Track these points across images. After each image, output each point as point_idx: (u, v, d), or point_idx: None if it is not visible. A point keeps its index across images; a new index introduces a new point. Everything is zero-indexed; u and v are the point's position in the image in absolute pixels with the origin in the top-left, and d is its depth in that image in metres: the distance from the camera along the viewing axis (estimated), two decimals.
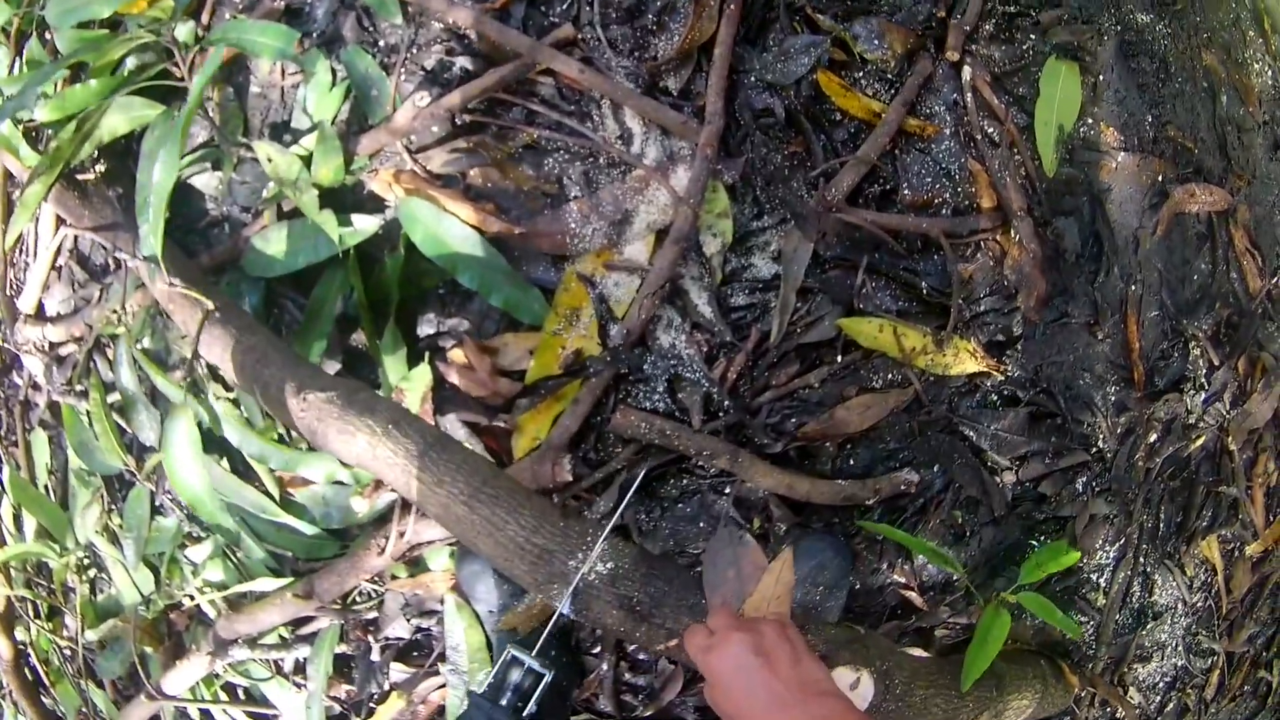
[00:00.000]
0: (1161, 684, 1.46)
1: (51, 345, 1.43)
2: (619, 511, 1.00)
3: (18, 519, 1.53)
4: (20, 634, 1.58)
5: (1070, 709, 1.37)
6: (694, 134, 1.18)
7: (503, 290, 1.21)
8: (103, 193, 1.32)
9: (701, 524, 1.27)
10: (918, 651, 1.27)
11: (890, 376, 1.27)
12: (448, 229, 1.22)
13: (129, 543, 1.44)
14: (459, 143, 1.24)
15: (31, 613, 1.56)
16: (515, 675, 0.88)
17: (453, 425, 1.27)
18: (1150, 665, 1.44)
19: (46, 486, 1.51)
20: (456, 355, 1.26)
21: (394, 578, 1.34)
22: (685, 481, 1.26)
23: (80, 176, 1.35)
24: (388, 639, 1.39)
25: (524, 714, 0.84)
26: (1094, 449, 1.35)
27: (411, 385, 1.25)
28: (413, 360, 1.26)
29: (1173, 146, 1.38)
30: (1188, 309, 1.39)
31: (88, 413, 1.40)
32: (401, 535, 1.25)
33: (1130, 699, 1.42)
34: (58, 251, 1.42)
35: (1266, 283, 1.42)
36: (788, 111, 1.23)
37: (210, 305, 1.18)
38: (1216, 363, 1.40)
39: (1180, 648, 1.44)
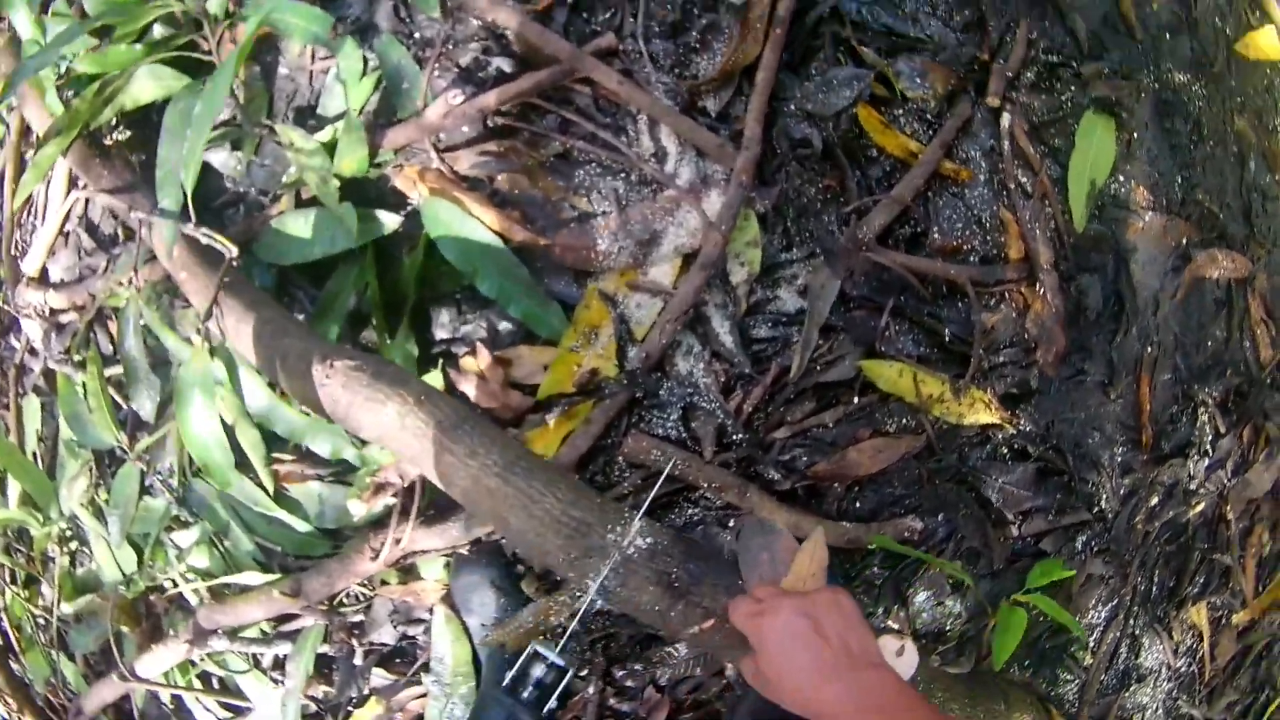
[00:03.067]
0: None
1: (52, 311, 1.39)
2: (655, 490, 0.97)
3: (2, 483, 1.49)
4: None
5: None
6: (729, 158, 1.16)
7: (522, 301, 1.19)
8: (124, 155, 1.28)
9: None
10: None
11: (904, 421, 1.26)
12: (471, 233, 1.19)
13: (114, 519, 1.41)
14: (489, 145, 1.21)
15: (8, 579, 1.52)
16: (538, 671, 0.86)
17: None
18: None
19: (35, 453, 1.47)
20: (469, 364, 1.23)
21: (384, 583, 1.32)
22: (691, 511, 1.25)
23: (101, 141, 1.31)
24: (372, 644, 1.36)
25: (544, 710, 0.84)
26: (1096, 509, 1.35)
27: None
28: (423, 365, 1.24)
29: (1199, 210, 1.38)
30: (1200, 375, 1.39)
31: (83, 384, 1.37)
32: (398, 542, 1.23)
33: None
34: (67, 216, 1.38)
35: (1278, 353, 1.42)
36: (825, 144, 1.22)
37: (235, 250, 1.14)
38: (1223, 430, 1.40)
39: (1160, 711, 1.45)
